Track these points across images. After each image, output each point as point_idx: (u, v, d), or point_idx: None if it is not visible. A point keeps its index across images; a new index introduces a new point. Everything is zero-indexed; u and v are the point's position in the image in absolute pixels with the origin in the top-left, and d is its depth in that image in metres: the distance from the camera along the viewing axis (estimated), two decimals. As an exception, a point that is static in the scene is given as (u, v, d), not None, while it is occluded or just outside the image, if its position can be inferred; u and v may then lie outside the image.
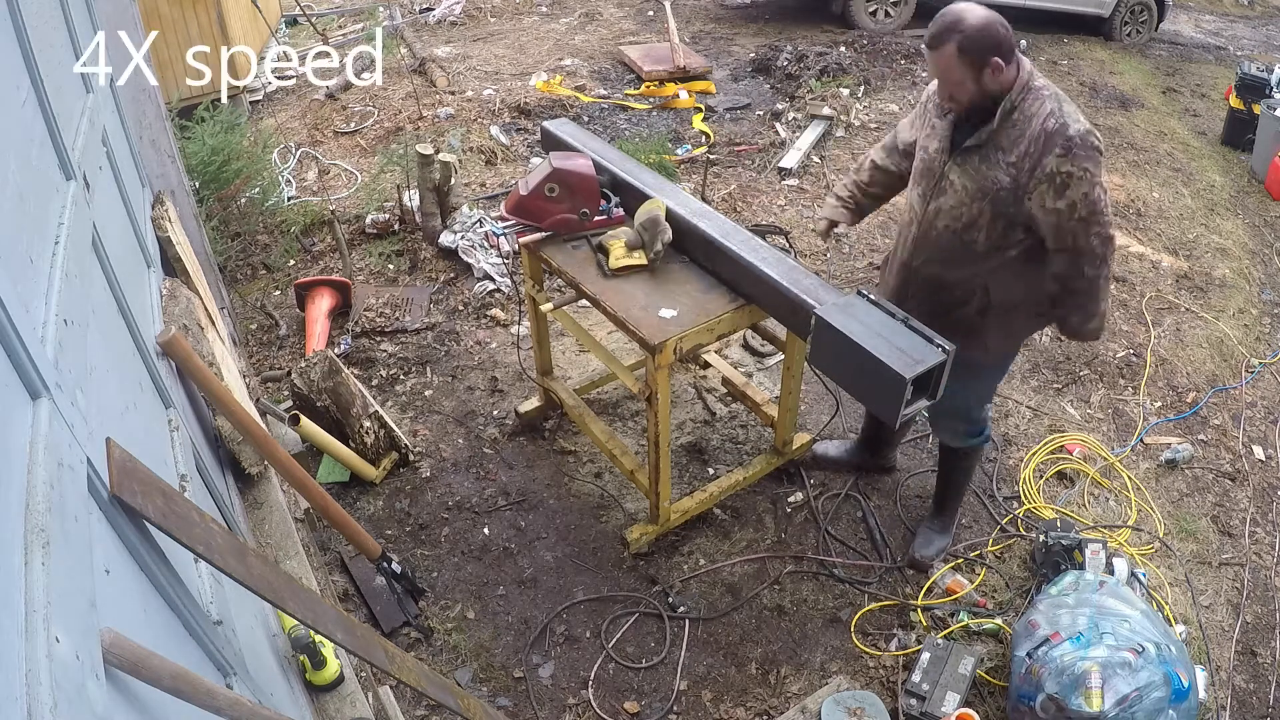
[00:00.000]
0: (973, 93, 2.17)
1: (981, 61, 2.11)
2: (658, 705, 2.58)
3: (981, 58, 2.11)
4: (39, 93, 1.47)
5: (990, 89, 2.16)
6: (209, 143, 4.33)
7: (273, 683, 1.74)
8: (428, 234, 4.53)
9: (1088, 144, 2.11)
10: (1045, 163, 2.12)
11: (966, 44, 2.10)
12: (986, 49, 2.10)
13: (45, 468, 0.92)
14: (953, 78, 2.17)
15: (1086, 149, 2.10)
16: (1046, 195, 2.15)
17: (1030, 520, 3.15)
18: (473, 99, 6.25)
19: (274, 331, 4.05)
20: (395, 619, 2.75)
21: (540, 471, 3.32)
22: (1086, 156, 2.10)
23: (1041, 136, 2.13)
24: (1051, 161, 2.11)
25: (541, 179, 2.75)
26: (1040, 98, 2.15)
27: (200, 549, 1.21)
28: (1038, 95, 2.16)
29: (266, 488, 2.59)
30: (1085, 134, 2.11)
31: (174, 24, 5.30)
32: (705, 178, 4.92)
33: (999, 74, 2.13)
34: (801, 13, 8.42)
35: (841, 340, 2.23)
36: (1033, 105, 2.15)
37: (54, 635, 0.79)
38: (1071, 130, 2.10)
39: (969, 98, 2.18)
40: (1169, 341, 4.15)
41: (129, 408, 1.53)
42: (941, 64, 2.17)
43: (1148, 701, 2.17)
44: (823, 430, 3.43)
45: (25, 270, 1.16)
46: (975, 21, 2.11)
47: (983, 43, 2.10)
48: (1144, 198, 5.50)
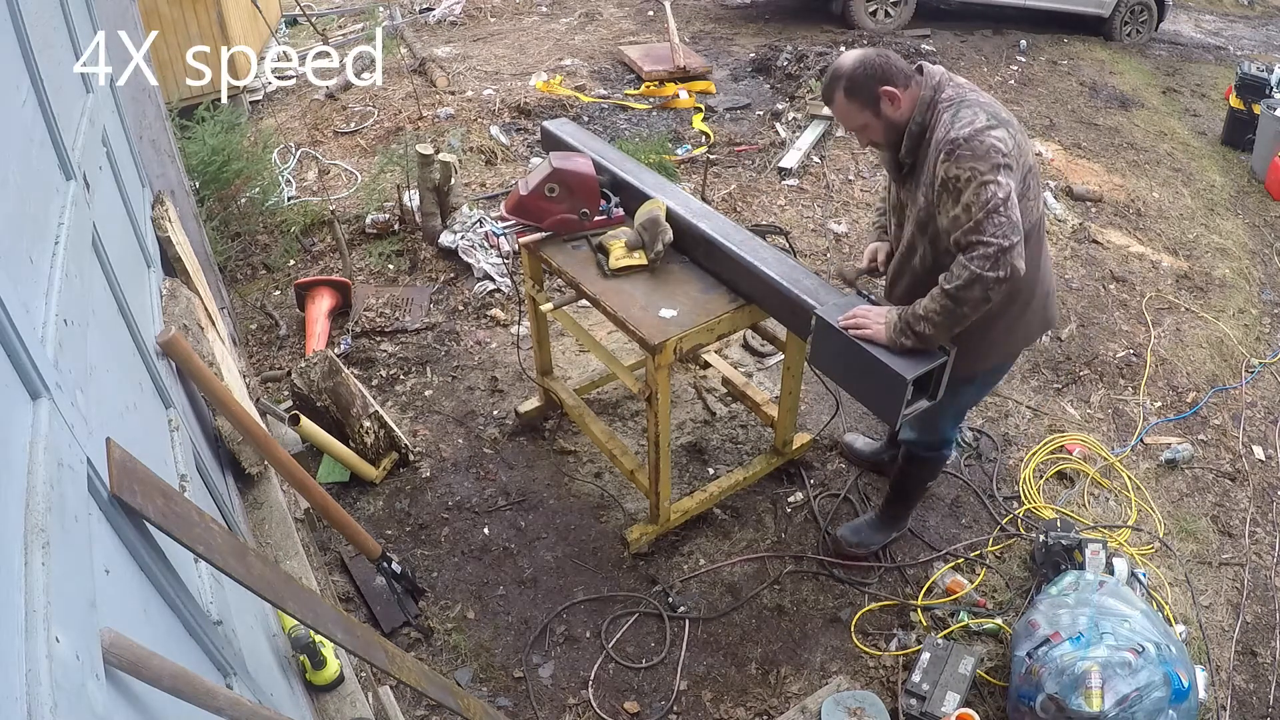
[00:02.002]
0: (882, 129, 2.16)
1: (871, 97, 2.11)
2: (658, 705, 2.58)
3: (869, 94, 2.11)
4: (39, 93, 1.47)
5: (895, 118, 2.14)
6: (209, 143, 4.33)
7: (273, 683, 1.74)
8: (428, 234, 4.53)
9: (975, 144, 2.00)
10: (937, 172, 2.07)
11: (850, 87, 2.12)
12: (870, 84, 2.10)
13: (45, 468, 0.92)
14: (855, 123, 2.18)
15: (973, 149, 2.00)
16: (946, 203, 2.07)
17: (1030, 520, 3.15)
18: (473, 99, 6.25)
19: (274, 331, 4.05)
20: (395, 619, 2.75)
21: (540, 471, 3.32)
22: (974, 156, 1.99)
23: (933, 149, 2.09)
24: (940, 169, 2.05)
25: (541, 179, 2.75)
26: (939, 111, 2.10)
27: (200, 549, 1.21)
28: (938, 110, 2.11)
29: (266, 488, 2.59)
30: (972, 135, 2.00)
31: (174, 24, 5.30)
32: (705, 178, 4.92)
33: (897, 102, 2.11)
34: (801, 13, 8.42)
35: (842, 340, 2.23)
36: (934, 119, 2.11)
37: (54, 635, 0.79)
38: (954, 133, 2.02)
39: (881, 134, 2.18)
40: (1169, 341, 4.15)
41: (129, 408, 1.53)
42: (840, 115, 2.20)
43: (1148, 701, 2.17)
44: (823, 430, 3.43)
45: (25, 270, 1.16)
46: (850, 63, 2.13)
47: (864, 80, 2.10)
48: (1144, 198, 5.50)
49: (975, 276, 2.01)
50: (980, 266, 2.00)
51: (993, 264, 2.00)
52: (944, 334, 2.14)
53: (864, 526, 2.99)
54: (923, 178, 2.14)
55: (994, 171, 1.98)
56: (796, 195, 5.24)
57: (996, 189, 1.98)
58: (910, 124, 2.13)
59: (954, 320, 2.10)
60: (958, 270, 2.05)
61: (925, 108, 2.11)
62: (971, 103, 2.08)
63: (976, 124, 2.02)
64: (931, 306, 2.10)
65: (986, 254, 2.00)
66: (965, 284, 2.03)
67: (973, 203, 2.00)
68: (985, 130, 2.01)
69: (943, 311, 2.08)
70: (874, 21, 7.93)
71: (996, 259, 2.00)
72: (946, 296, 2.07)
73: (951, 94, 2.12)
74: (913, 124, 2.13)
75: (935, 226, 2.16)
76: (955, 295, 2.05)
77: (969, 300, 2.05)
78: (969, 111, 2.06)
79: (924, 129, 2.12)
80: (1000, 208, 1.98)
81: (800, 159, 5.51)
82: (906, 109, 2.13)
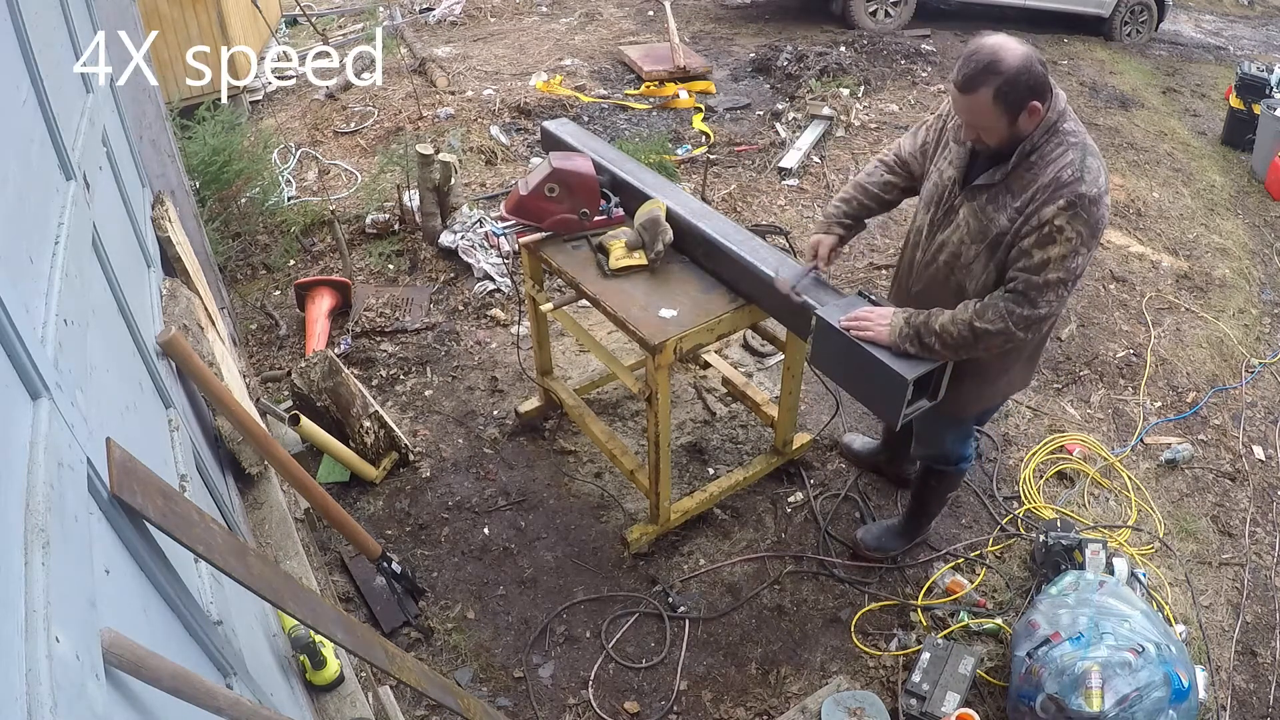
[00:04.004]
0: (1004, 136, 2.00)
1: (1019, 107, 1.93)
2: (658, 705, 2.58)
3: (1020, 103, 1.92)
4: (39, 93, 1.47)
5: (1024, 131, 1.99)
6: (209, 143, 4.33)
7: (273, 683, 1.74)
8: (428, 234, 4.53)
9: (1094, 211, 1.93)
10: (1045, 211, 1.95)
11: (1006, 89, 1.90)
12: (1026, 94, 1.91)
13: (45, 468, 0.92)
14: (984, 123, 1.99)
15: (1089, 215, 1.93)
16: (1028, 239, 1.99)
17: (1030, 520, 3.15)
18: (473, 99, 6.25)
19: (274, 331, 4.05)
20: (395, 619, 2.75)
21: (540, 471, 3.32)
22: (1086, 222, 1.93)
23: (1052, 185, 1.96)
24: (1050, 211, 1.95)
25: (541, 179, 2.75)
26: (1065, 144, 1.98)
27: (200, 549, 1.21)
28: (1062, 140, 1.98)
29: (266, 488, 2.59)
30: (1096, 198, 1.94)
31: (174, 24, 5.30)
32: (705, 178, 4.92)
33: (1035, 116, 1.96)
34: (801, 13, 8.42)
35: (843, 341, 2.23)
36: (1054, 151, 1.98)
37: (54, 635, 0.79)
38: (1084, 189, 1.93)
39: (1000, 140, 2.01)
40: (1169, 341, 4.15)
41: (129, 408, 1.53)
42: (974, 108, 1.96)
43: (1148, 701, 2.17)
44: (823, 430, 3.43)
45: (25, 270, 1.16)
46: (1015, 64, 1.89)
47: (1022, 87, 1.91)
48: (1144, 198, 5.50)
49: (1005, 331, 2.05)
50: (1015, 324, 2.04)
51: (1026, 326, 2.05)
52: (948, 356, 2.15)
53: (885, 533, 2.98)
54: (1014, 201, 2.03)
55: (1089, 246, 1.98)
56: (796, 195, 5.24)
57: (1079, 264, 1.99)
58: (1025, 144, 2.00)
59: (964, 351, 2.12)
60: (993, 315, 2.05)
61: (1046, 131, 1.99)
62: (1095, 152, 2.00)
63: (1100, 184, 1.96)
64: (950, 329, 2.09)
65: (1028, 316, 2.03)
66: (995, 332, 2.06)
67: (1053, 261, 1.97)
68: (1103, 196, 1.97)
69: (959, 339, 2.09)
70: (874, 21, 7.94)
71: (1033, 324, 2.05)
72: (970, 330, 2.07)
73: (1073, 128, 2.01)
74: (1027, 144, 2.00)
75: (1006, 256, 2.07)
76: (979, 333, 2.07)
77: (988, 344, 2.09)
78: (1095, 163, 1.97)
79: (1034, 150, 2.00)
80: (1070, 283, 2.01)
81: (800, 159, 5.51)
82: (1034, 126, 1.99)
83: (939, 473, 2.76)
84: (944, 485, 2.84)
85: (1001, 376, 2.36)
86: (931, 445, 2.68)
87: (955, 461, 2.71)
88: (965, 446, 2.69)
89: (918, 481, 2.88)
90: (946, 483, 2.83)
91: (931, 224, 2.27)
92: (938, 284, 2.27)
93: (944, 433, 2.62)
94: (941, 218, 2.23)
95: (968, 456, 2.72)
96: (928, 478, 2.81)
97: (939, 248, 2.24)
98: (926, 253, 2.30)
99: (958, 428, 2.61)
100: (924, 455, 2.74)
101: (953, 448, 2.67)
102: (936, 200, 2.25)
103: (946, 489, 2.88)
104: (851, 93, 6.39)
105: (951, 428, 2.60)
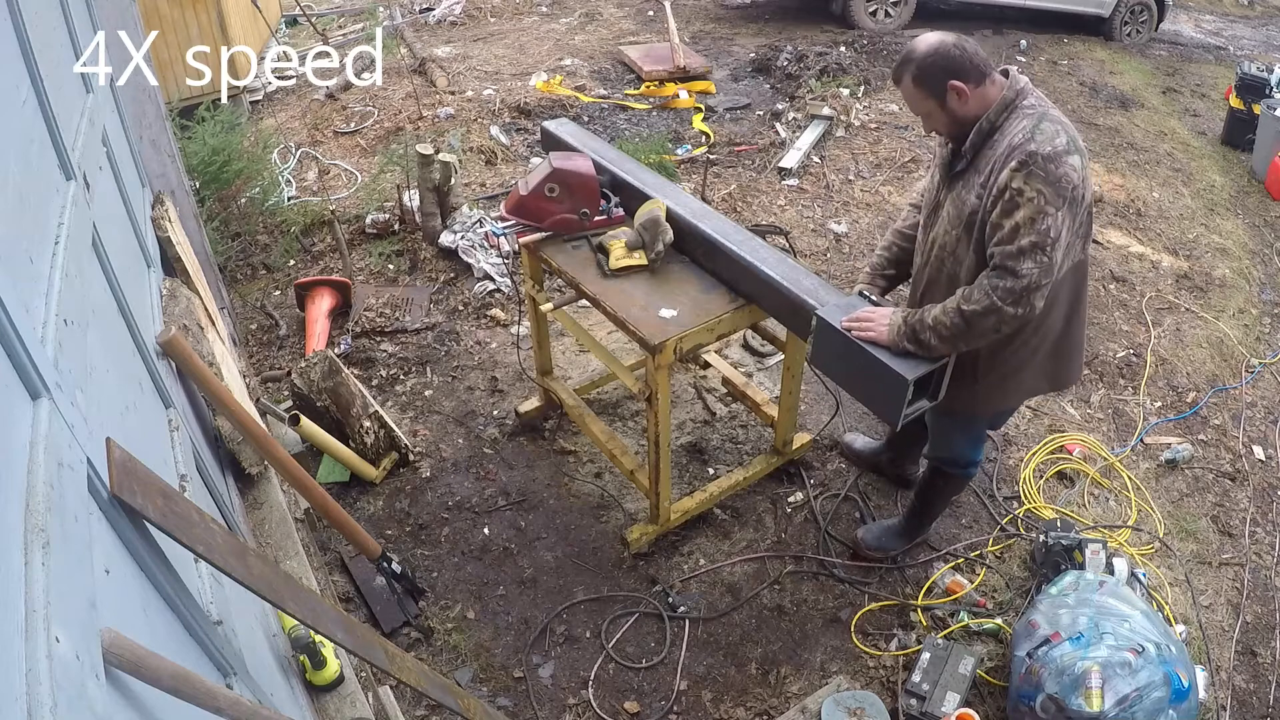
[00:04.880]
0: (945, 120, 2.10)
1: (939, 88, 2.04)
2: (658, 705, 2.58)
3: (938, 85, 2.04)
4: (39, 93, 1.47)
5: (961, 113, 2.07)
6: (209, 143, 4.33)
7: (273, 683, 1.74)
8: (428, 234, 4.53)
9: (1050, 166, 1.92)
10: (1001, 177, 1.98)
11: (919, 74, 2.06)
12: (941, 75, 2.03)
13: (45, 468, 0.92)
14: (919, 109, 2.13)
15: (1047, 171, 1.92)
16: (996, 211, 2.00)
17: (1030, 520, 3.15)
18: (473, 99, 6.25)
19: (274, 331, 4.05)
20: (395, 619, 2.75)
21: (540, 471, 3.32)
22: (1045, 179, 1.92)
23: (1005, 151, 1.99)
24: (1005, 175, 1.96)
25: (541, 179, 2.75)
26: (1021, 116, 2.02)
27: (200, 549, 1.21)
28: (1020, 113, 2.02)
29: (266, 488, 2.59)
30: (1052, 154, 1.92)
31: (174, 24, 5.30)
32: (705, 178, 4.91)
33: (965, 97, 2.03)
34: (801, 13, 8.43)
35: (843, 341, 2.23)
36: (1011, 124, 2.02)
37: (54, 635, 0.79)
38: (1034, 146, 1.93)
39: (944, 125, 2.12)
40: (1169, 341, 4.15)
41: (129, 408, 1.53)
42: (905, 97, 2.14)
43: (1148, 701, 2.17)
44: (823, 430, 3.43)
45: (25, 270, 1.16)
46: (924, 49, 2.06)
47: (935, 69, 2.04)
48: (1144, 198, 5.50)
49: (993, 308, 2.01)
50: (1001, 299, 2.00)
51: (1014, 300, 2.00)
52: (947, 350, 2.14)
53: (886, 532, 2.98)
54: (979, 178, 2.07)
55: (1058, 204, 1.93)
56: (796, 195, 5.24)
57: (1053, 224, 1.94)
58: (982, 121, 2.05)
59: (961, 340, 2.11)
60: (978, 295, 2.04)
61: (1002, 108, 2.04)
62: (1055, 119, 2.01)
63: (1057, 144, 1.94)
64: (943, 320, 2.09)
65: (1012, 288, 1.99)
66: (982, 312, 2.03)
67: (1023, 226, 1.95)
68: (1064, 154, 1.94)
69: (952, 329, 2.08)
70: (874, 21, 7.94)
71: (1019, 296, 2.00)
72: (960, 316, 2.06)
73: (1034, 103, 2.05)
74: (984, 121, 2.05)
75: (982, 233, 2.09)
76: (969, 316, 2.05)
77: (980, 327, 2.06)
78: (1051, 127, 1.98)
79: (994, 129, 2.05)
80: (1047, 246, 1.95)
81: (800, 159, 5.51)
82: (976, 106, 2.05)
83: (946, 475, 2.76)
84: (949, 488, 2.84)
85: (1018, 372, 2.32)
86: (942, 447, 2.69)
87: (964, 465, 2.70)
88: (975, 451, 2.68)
89: (923, 482, 2.88)
90: (952, 485, 2.83)
91: (925, 225, 2.33)
92: (935, 280, 2.30)
93: (955, 435, 2.62)
94: (929, 215, 2.30)
95: (976, 461, 2.71)
96: (934, 479, 2.81)
97: (931, 244, 2.28)
98: (924, 254, 2.34)
99: (969, 430, 2.61)
100: (934, 457, 2.74)
101: (962, 451, 2.66)
102: (927, 202, 2.33)
103: (951, 491, 2.88)
104: (851, 93, 6.39)
105: (963, 430, 2.60)
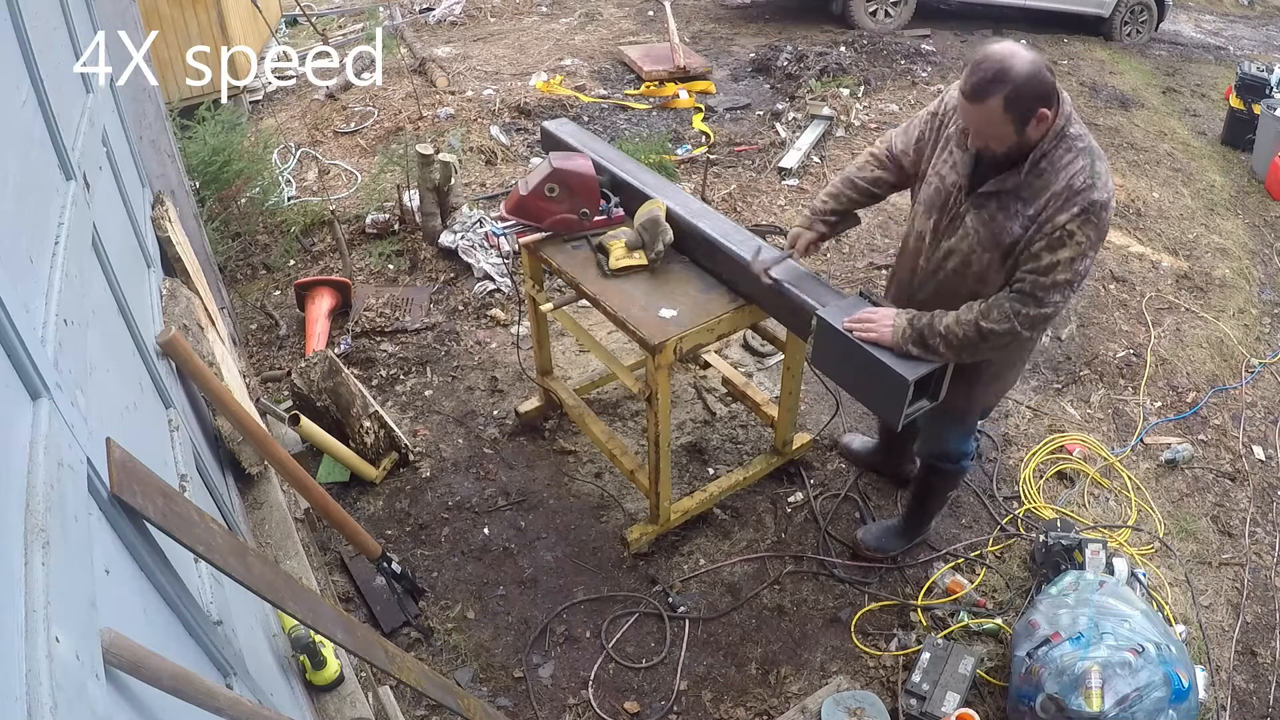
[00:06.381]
0: (1013, 144, 1.99)
1: (1028, 115, 1.92)
2: (658, 705, 2.58)
3: (1029, 112, 1.92)
4: (39, 93, 1.47)
5: (1032, 139, 1.98)
6: (209, 143, 4.33)
7: (273, 683, 1.74)
8: (428, 234, 4.53)
9: (1103, 216, 1.97)
10: (1059, 218, 1.96)
11: (1014, 97, 1.89)
12: (1034, 102, 1.91)
13: (45, 468, 0.92)
14: (993, 131, 1.97)
15: (1099, 220, 1.97)
16: (1039, 243, 2.00)
17: (1030, 520, 3.15)
18: (473, 99, 6.25)
19: (274, 331, 4.05)
20: (395, 619, 2.75)
21: (540, 471, 3.32)
22: (1096, 226, 1.97)
23: (1066, 193, 1.96)
24: (1064, 218, 1.96)
25: (541, 179, 2.75)
26: (1074, 149, 1.99)
27: (200, 549, 1.21)
28: (1071, 145, 1.99)
29: (266, 488, 2.59)
30: (1105, 203, 1.97)
31: (174, 24, 5.30)
32: (705, 178, 4.91)
33: (1043, 124, 1.95)
34: (801, 13, 8.42)
35: (843, 342, 2.23)
36: (1063, 157, 1.98)
37: (54, 635, 0.79)
38: (1096, 195, 1.95)
39: (1005, 147, 2.00)
40: (1169, 341, 4.15)
41: (129, 408, 1.53)
42: (983, 116, 1.95)
43: (1148, 701, 2.17)
44: (823, 430, 3.43)
45: (25, 270, 1.16)
46: (1024, 70, 1.88)
47: (1031, 95, 1.90)
48: (1144, 198, 5.50)
49: (1012, 330, 2.06)
50: (1022, 324, 2.06)
51: (1032, 325, 2.07)
52: (951, 357, 2.15)
53: (885, 532, 2.99)
54: (1026, 209, 2.02)
55: (1096, 249, 2.01)
56: (796, 195, 5.24)
57: (1086, 266, 2.01)
58: (1035, 151, 1.99)
59: (968, 352, 2.13)
60: (998, 315, 2.06)
61: (1055, 138, 1.98)
62: (1100, 155, 2.01)
63: (1109, 190, 1.99)
64: (956, 331, 2.10)
65: (1034, 316, 2.05)
66: (1001, 332, 2.07)
67: (1061, 264, 1.99)
68: (1110, 202, 2.00)
69: (965, 340, 2.10)
70: (874, 21, 7.93)
71: (1039, 323, 2.08)
72: (977, 331, 2.08)
73: (1079, 132, 2.02)
74: (1038, 151, 1.99)
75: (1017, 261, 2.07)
76: (986, 333, 2.08)
77: (994, 344, 2.11)
78: (1103, 167, 2.00)
79: (1044, 157, 1.99)
80: (1075, 284, 2.03)
81: (800, 159, 5.51)
82: (1043, 133, 1.99)
83: (940, 471, 2.77)
84: (945, 484, 2.84)
85: (1010, 370, 2.44)
86: (934, 443, 2.69)
87: (957, 459, 2.71)
88: (966, 444, 2.70)
89: (918, 480, 2.88)
90: (947, 481, 2.83)
91: (935, 231, 2.25)
92: (948, 291, 2.24)
93: (947, 431, 2.63)
94: (946, 224, 2.21)
95: (969, 454, 2.73)
96: (929, 476, 2.81)
97: (945, 255, 2.22)
98: (931, 260, 2.27)
99: (961, 425, 2.62)
100: (926, 453, 2.75)
101: (954, 445, 2.68)
102: (940, 206, 2.22)
103: (947, 487, 2.88)
104: (851, 93, 6.39)
105: (954, 425, 2.61)
